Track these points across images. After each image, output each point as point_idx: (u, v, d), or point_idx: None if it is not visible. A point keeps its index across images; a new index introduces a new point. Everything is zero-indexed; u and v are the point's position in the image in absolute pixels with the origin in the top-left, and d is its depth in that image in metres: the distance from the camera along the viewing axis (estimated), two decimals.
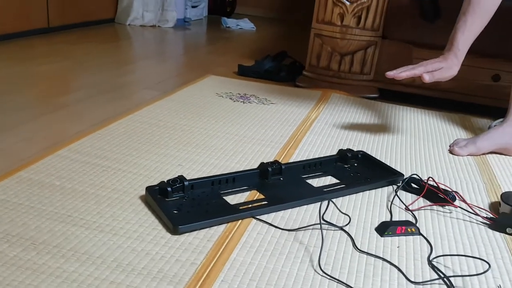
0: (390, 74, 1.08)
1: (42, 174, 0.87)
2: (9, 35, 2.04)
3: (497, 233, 0.83)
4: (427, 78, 1.07)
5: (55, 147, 1.01)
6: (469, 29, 1.12)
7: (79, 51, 1.99)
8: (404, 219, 0.85)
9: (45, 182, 0.84)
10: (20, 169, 0.88)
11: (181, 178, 0.83)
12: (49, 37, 2.22)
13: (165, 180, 0.83)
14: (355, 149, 1.10)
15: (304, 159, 1.06)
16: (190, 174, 0.94)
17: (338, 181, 0.98)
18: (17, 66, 1.66)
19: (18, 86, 1.44)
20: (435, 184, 0.94)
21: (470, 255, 0.76)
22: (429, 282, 0.68)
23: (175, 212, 0.78)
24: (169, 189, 0.81)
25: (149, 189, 0.82)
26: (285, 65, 1.92)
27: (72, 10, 2.45)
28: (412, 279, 0.68)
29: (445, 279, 0.68)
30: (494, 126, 1.32)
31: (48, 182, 0.85)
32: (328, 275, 0.67)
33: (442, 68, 1.11)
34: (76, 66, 1.75)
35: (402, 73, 1.08)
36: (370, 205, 0.89)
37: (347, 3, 1.59)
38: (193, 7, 3.29)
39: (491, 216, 0.88)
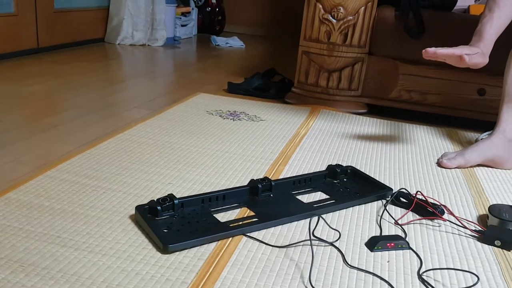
0: (430, 50, 1.09)
1: (31, 195, 0.87)
2: None
3: (486, 246, 0.84)
4: (466, 59, 1.08)
5: (44, 167, 1.00)
6: (496, 23, 1.17)
7: (68, 71, 1.99)
8: (393, 234, 0.85)
9: (34, 203, 0.84)
10: (8, 191, 0.87)
11: (171, 197, 0.83)
12: (38, 57, 2.22)
13: (155, 199, 0.83)
14: (344, 164, 1.11)
15: (294, 175, 1.06)
16: (180, 192, 0.94)
17: (328, 196, 0.98)
18: (6, 86, 1.66)
19: (7, 106, 1.44)
20: (423, 198, 0.95)
21: (459, 268, 0.76)
22: None
23: (165, 231, 0.77)
24: (158, 207, 0.81)
25: (138, 208, 0.82)
26: (274, 82, 1.94)
27: (62, 30, 2.46)
28: None
29: None
30: (481, 139, 1.34)
31: (37, 203, 0.84)
32: None
33: (478, 53, 1.13)
34: (66, 86, 1.75)
35: (442, 50, 1.09)
36: (359, 220, 0.90)
37: (334, 21, 1.62)
38: (182, 25, 3.32)
39: (480, 229, 0.89)
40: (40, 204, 0.84)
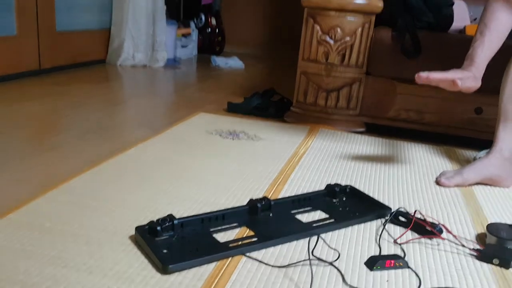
0: (423, 75, 1.09)
1: (32, 216, 0.87)
2: (0, 77, 2.06)
3: (484, 264, 0.84)
4: (459, 83, 1.09)
5: (46, 188, 1.01)
6: (487, 47, 1.18)
7: (70, 92, 2.02)
8: (392, 253, 0.86)
9: (35, 224, 0.85)
10: (10, 212, 0.88)
11: (170, 217, 0.84)
12: (40, 78, 2.25)
13: (155, 219, 0.83)
14: (343, 184, 1.12)
15: (293, 194, 1.07)
16: (180, 212, 0.95)
17: (327, 215, 0.99)
18: (8, 107, 1.68)
19: (8, 127, 1.45)
20: (422, 217, 0.96)
21: (458, 287, 0.77)
22: None
23: (165, 251, 0.78)
24: (158, 228, 0.81)
25: (138, 228, 0.82)
26: (273, 101, 1.96)
27: (64, 51, 2.49)
28: None
29: None
30: (479, 157, 1.35)
31: (38, 224, 0.85)
32: None
33: (470, 77, 1.14)
34: (67, 107, 1.77)
35: (435, 75, 1.09)
36: (359, 239, 0.90)
37: (331, 42, 1.64)
38: (183, 46, 3.36)
39: (478, 247, 0.89)
40: (41, 225, 0.84)
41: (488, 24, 1.19)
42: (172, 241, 0.81)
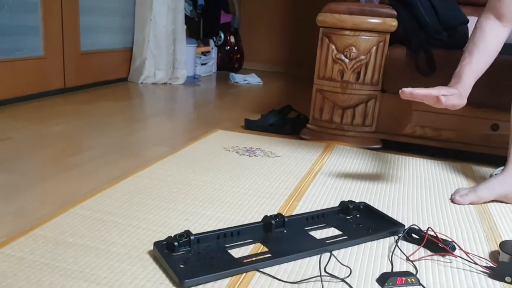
0: (407, 90, 1.08)
1: (56, 231, 0.92)
2: (26, 96, 2.15)
3: (496, 282, 0.85)
4: (443, 100, 1.09)
5: (69, 205, 1.06)
6: (475, 67, 1.19)
7: (92, 111, 2.08)
8: (405, 270, 0.87)
9: (59, 239, 0.89)
10: (35, 227, 0.93)
11: (187, 233, 0.87)
12: (64, 97, 2.33)
13: (172, 235, 0.87)
14: (357, 200, 1.13)
15: (307, 211, 1.09)
16: (197, 228, 0.98)
17: (340, 232, 1.00)
18: (33, 126, 1.75)
19: (32, 146, 1.51)
20: (434, 234, 0.96)
21: None
22: None
23: (182, 266, 0.81)
24: (175, 243, 0.84)
25: (156, 244, 0.86)
26: (290, 118, 1.99)
27: (87, 71, 2.58)
28: None
29: None
30: (495, 174, 1.35)
31: (61, 239, 0.89)
32: None
33: (455, 95, 1.14)
34: (89, 125, 1.83)
35: (419, 90, 1.08)
36: (371, 256, 0.92)
37: (346, 60, 1.67)
38: (202, 64, 3.43)
39: (491, 265, 0.89)
40: (64, 240, 0.89)
41: (477, 43, 1.20)
42: (189, 256, 0.84)
